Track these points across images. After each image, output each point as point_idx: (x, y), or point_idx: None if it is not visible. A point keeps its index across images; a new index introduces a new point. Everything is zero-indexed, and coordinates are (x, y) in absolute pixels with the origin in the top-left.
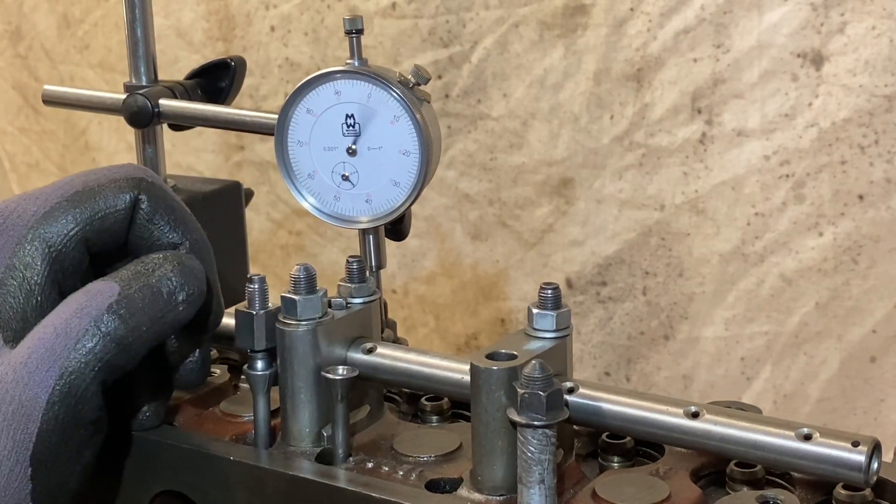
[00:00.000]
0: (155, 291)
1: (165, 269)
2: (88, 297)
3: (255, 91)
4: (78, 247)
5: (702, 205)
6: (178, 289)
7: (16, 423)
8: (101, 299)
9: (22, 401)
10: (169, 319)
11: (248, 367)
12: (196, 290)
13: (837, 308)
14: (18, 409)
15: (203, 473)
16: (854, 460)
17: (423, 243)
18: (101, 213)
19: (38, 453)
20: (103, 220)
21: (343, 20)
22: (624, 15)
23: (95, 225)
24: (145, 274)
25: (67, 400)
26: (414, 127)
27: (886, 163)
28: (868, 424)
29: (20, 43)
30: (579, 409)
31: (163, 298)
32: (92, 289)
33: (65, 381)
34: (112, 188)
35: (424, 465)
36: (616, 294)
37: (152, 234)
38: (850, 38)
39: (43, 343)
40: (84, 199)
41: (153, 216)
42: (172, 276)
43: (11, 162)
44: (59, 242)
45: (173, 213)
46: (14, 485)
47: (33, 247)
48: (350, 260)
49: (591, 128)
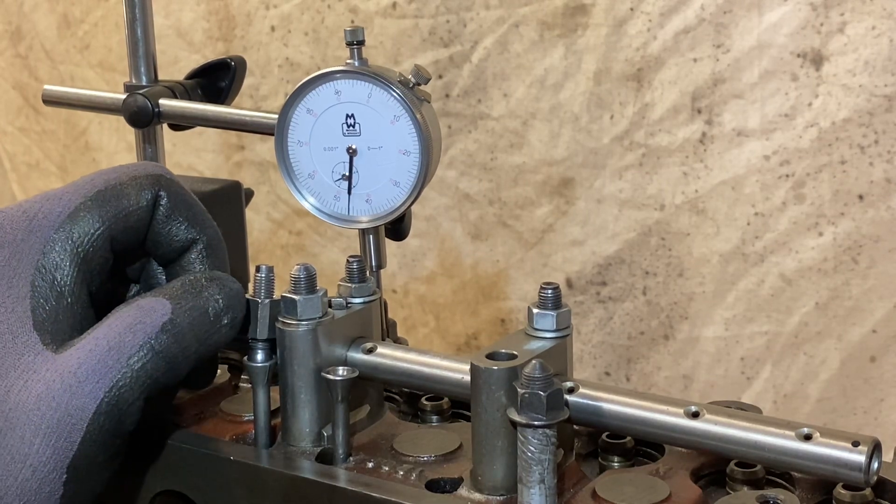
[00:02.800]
0: (202, 312)
1: (212, 291)
2: (142, 314)
3: (255, 91)
4: (104, 246)
5: (702, 205)
6: (224, 311)
7: (59, 431)
8: (154, 317)
9: (69, 409)
10: (213, 341)
11: (247, 358)
12: (239, 313)
13: (837, 308)
14: (64, 416)
15: (203, 473)
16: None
17: (423, 243)
18: (125, 212)
19: (76, 461)
20: (127, 218)
21: (344, 31)
22: (624, 15)
23: (120, 223)
24: (193, 294)
25: (114, 412)
26: (414, 127)
27: (886, 163)
28: (868, 424)
29: (20, 43)
30: (579, 408)
31: (209, 320)
32: (145, 305)
33: (114, 394)
34: (134, 186)
35: (424, 465)
36: (616, 294)
37: (170, 231)
38: (850, 38)
39: (95, 355)
40: (108, 199)
41: (172, 213)
42: (219, 298)
43: (11, 162)
44: (87, 242)
45: (190, 209)
46: (46, 490)
47: (62, 248)
48: (350, 260)
49: (591, 128)
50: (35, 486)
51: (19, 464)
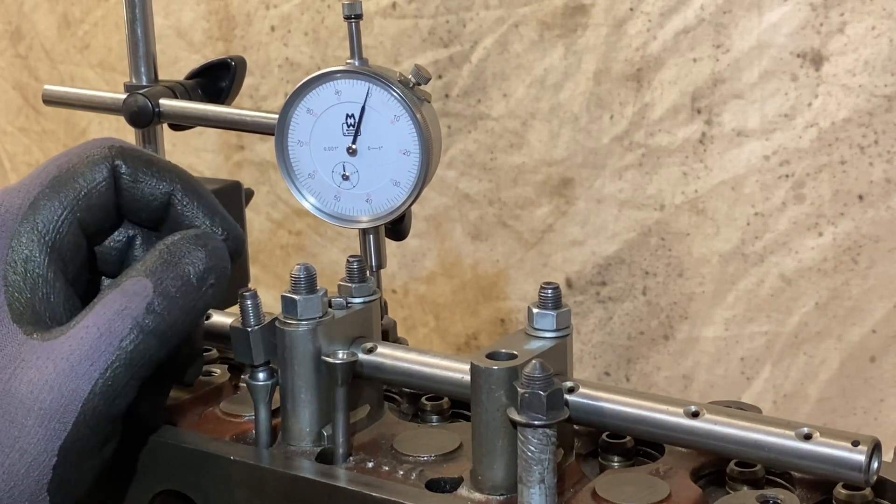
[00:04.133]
0: (186, 281)
1: (193, 256)
2: (127, 298)
3: (255, 91)
4: (72, 230)
5: (702, 205)
6: (207, 273)
7: (52, 413)
8: (138, 300)
9: (63, 391)
10: (200, 306)
11: (249, 377)
12: (222, 271)
13: (837, 308)
14: (58, 398)
15: (203, 473)
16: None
17: (423, 243)
18: (85, 191)
19: (67, 443)
20: (88, 197)
21: (342, 5)
22: (624, 15)
23: (82, 204)
24: (173, 263)
25: (108, 393)
26: (414, 127)
27: (886, 163)
28: (868, 424)
29: (20, 43)
30: (579, 408)
31: (193, 286)
32: (128, 288)
33: (109, 375)
34: (87, 164)
35: (424, 465)
36: (616, 294)
37: (143, 192)
38: (849, 38)
39: (87, 342)
40: (64, 182)
41: (136, 175)
42: (199, 263)
43: (11, 162)
44: (53, 230)
45: (153, 165)
46: (35, 473)
47: (29, 239)
48: (350, 260)
49: (591, 128)
50: (23, 470)
51: (7, 448)
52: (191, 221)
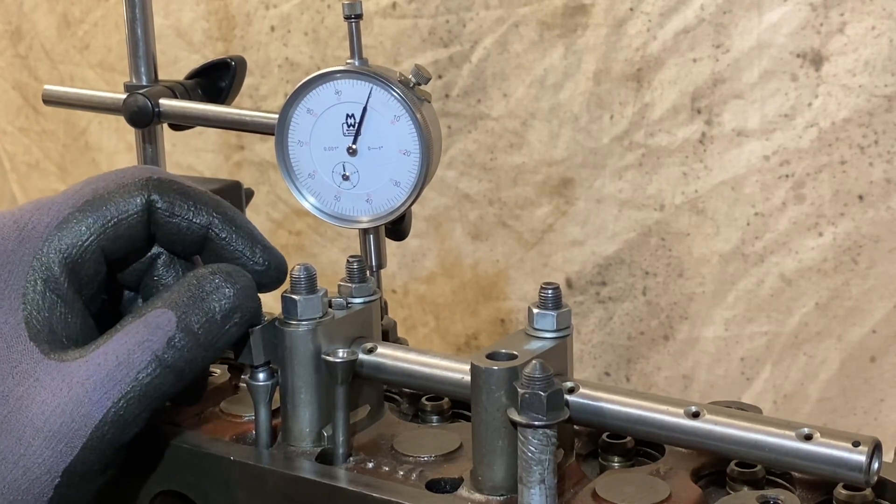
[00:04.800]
0: (210, 318)
1: (220, 293)
2: (149, 331)
3: (255, 91)
4: (94, 256)
5: (702, 205)
6: (233, 312)
7: (60, 436)
8: (160, 334)
9: (74, 416)
10: (221, 344)
11: (249, 377)
12: (250, 311)
13: (837, 308)
14: (68, 422)
15: (203, 473)
16: (854, 460)
17: (423, 243)
18: (115, 220)
19: (72, 466)
20: (117, 227)
21: (342, 5)
22: (624, 15)
23: (110, 233)
24: (200, 298)
25: (119, 423)
26: (414, 127)
27: (886, 163)
28: (868, 424)
29: (20, 43)
30: (579, 409)
31: (217, 324)
32: (151, 321)
33: (121, 405)
34: (122, 193)
35: (425, 465)
36: (616, 294)
37: (179, 226)
38: (849, 38)
39: (104, 369)
40: (96, 208)
41: (173, 210)
42: (226, 301)
43: (11, 162)
44: (76, 254)
45: (190, 198)
46: (35, 490)
47: (51, 260)
48: (350, 260)
49: (591, 128)
50: (24, 486)
51: (11, 464)
52: (231, 253)
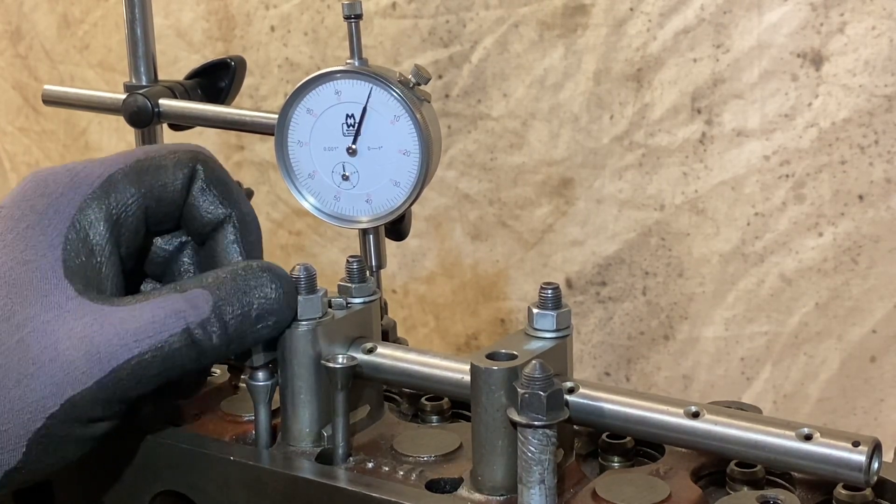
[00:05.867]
0: (245, 313)
1: (263, 293)
2: (187, 304)
3: (255, 91)
4: (137, 214)
5: (702, 205)
6: (269, 314)
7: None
8: (195, 312)
9: (100, 349)
10: (249, 341)
11: (249, 377)
12: (285, 317)
13: (837, 308)
14: (92, 353)
15: (203, 473)
16: (854, 460)
17: (423, 243)
18: (161, 183)
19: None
20: (163, 188)
21: (342, 5)
22: (624, 15)
23: (155, 194)
24: (242, 291)
25: (137, 373)
26: (414, 127)
27: (886, 163)
28: (868, 424)
29: (20, 43)
30: (579, 409)
31: (250, 321)
32: (190, 297)
33: (146, 358)
34: (172, 160)
35: (424, 465)
36: (616, 294)
37: (205, 204)
38: (850, 38)
39: (138, 321)
40: (146, 168)
41: (207, 187)
42: (265, 302)
43: (11, 162)
44: (121, 206)
45: (225, 186)
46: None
47: (98, 208)
48: (350, 260)
49: (591, 128)
50: (18, 407)
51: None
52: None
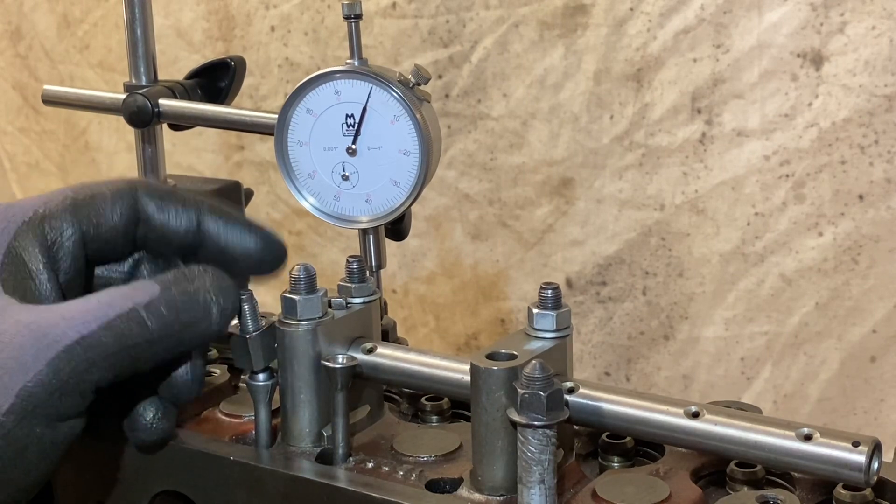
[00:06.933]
0: (192, 297)
1: (204, 281)
2: (134, 291)
3: (255, 91)
4: (74, 241)
5: (702, 205)
6: (213, 301)
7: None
8: (144, 295)
9: (47, 332)
10: (201, 329)
11: (249, 377)
12: (231, 305)
13: (837, 308)
14: (39, 337)
15: (203, 473)
16: (854, 460)
17: (423, 243)
18: (98, 213)
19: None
20: (100, 218)
21: (342, 5)
22: (624, 15)
23: (93, 222)
24: (185, 280)
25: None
26: (414, 127)
27: (886, 163)
28: (868, 424)
29: (20, 43)
30: (579, 409)
31: (199, 305)
32: (137, 286)
33: (97, 336)
34: (109, 190)
35: (424, 465)
36: (616, 294)
37: (168, 224)
38: (850, 38)
39: (84, 307)
40: (81, 200)
41: (162, 205)
42: (210, 289)
43: (11, 162)
44: (55, 235)
45: (175, 195)
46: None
47: (30, 236)
48: (350, 260)
49: (591, 128)
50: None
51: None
52: (225, 244)
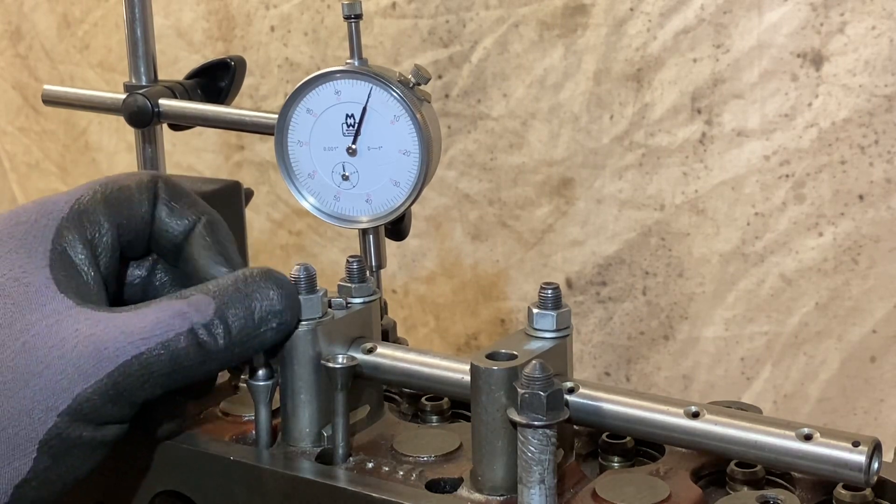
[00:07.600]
0: (248, 316)
1: (265, 294)
2: (190, 307)
3: (255, 91)
4: (111, 236)
5: (702, 205)
6: (272, 316)
7: (85, 359)
8: (199, 315)
9: (108, 345)
10: (254, 345)
11: (249, 377)
12: (290, 319)
13: (837, 308)
14: (99, 349)
15: (203, 473)
16: (854, 460)
17: (423, 243)
18: (129, 205)
19: (86, 393)
20: (131, 211)
21: (342, 5)
22: (624, 15)
23: (125, 215)
24: (244, 294)
25: (142, 373)
26: (414, 127)
27: (886, 163)
28: (868, 424)
29: (20, 43)
30: (579, 409)
31: (253, 323)
32: (192, 301)
33: (153, 355)
34: (134, 182)
35: (424, 465)
36: (616, 294)
37: (171, 220)
38: (850, 38)
39: (143, 322)
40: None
41: (171, 203)
42: (267, 304)
43: (11, 162)
44: (94, 231)
45: (187, 196)
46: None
47: (73, 232)
48: (350, 260)
49: (591, 128)
50: (28, 407)
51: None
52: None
